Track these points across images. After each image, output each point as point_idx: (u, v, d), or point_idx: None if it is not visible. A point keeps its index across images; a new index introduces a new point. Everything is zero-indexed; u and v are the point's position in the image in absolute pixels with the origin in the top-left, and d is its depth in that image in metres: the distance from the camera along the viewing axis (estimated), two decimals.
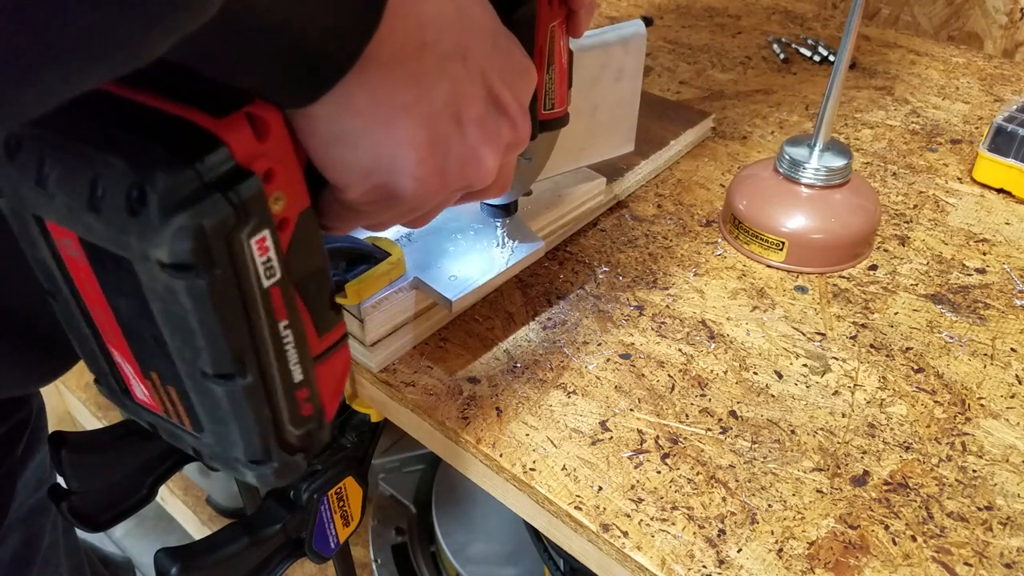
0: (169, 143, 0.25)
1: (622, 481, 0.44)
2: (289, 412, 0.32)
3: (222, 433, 0.31)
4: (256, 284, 0.27)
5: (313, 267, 0.30)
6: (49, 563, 0.60)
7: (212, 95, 0.26)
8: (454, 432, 0.48)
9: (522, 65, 0.35)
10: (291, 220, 0.28)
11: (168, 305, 0.26)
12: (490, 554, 0.94)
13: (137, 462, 0.49)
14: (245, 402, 0.29)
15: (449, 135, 0.31)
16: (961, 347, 0.53)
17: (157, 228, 0.24)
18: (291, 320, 0.30)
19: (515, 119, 0.34)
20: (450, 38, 0.30)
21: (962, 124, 0.78)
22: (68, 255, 0.29)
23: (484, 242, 0.53)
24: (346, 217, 0.33)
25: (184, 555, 0.44)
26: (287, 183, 0.28)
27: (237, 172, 0.25)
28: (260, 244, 0.27)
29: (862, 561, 0.41)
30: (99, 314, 0.30)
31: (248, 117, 0.26)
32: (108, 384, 0.34)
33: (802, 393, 0.50)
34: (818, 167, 0.58)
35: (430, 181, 0.31)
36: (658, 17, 1.03)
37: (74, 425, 1.47)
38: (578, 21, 0.41)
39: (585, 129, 0.56)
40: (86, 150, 0.25)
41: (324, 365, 0.33)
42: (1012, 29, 0.93)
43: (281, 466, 0.33)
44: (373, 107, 0.28)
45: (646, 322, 0.55)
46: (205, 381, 0.28)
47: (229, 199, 0.25)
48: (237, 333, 0.27)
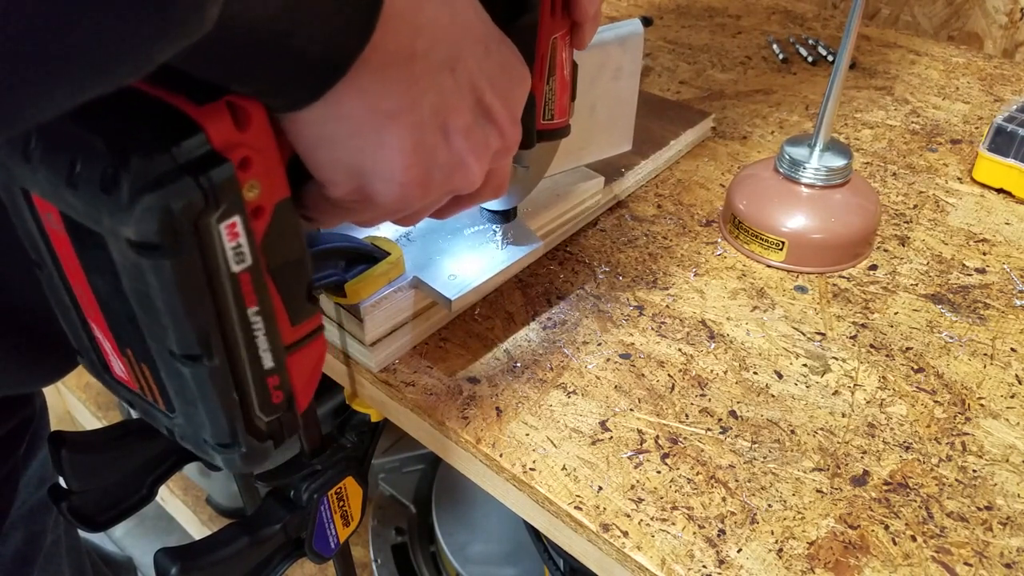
0: (148, 126, 0.25)
1: (622, 481, 0.44)
2: (258, 398, 0.32)
3: (191, 414, 0.31)
4: (224, 268, 0.28)
5: (290, 256, 0.31)
6: (51, 561, 0.60)
7: (198, 82, 0.26)
8: (454, 432, 0.48)
9: (516, 72, 0.35)
10: (267, 209, 0.29)
11: (137, 283, 0.27)
12: (490, 554, 0.94)
13: (137, 462, 0.49)
14: (211, 385, 0.30)
15: (435, 143, 0.32)
16: (961, 347, 0.53)
17: (126, 207, 0.25)
18: (262, 307, 0.30)
19: (503, 127, 0.35)
20: (442, 47, 0.30)
21: (962, 124, 0.78)
22: (51, 228, 0.29)
23: (483, 241, 0.53)
24: (331, 212, 0.34)
25: (184, 555, 0.44)
26: (264, 172, 0.28)
27: (211, 157, 0.26)
28: (230, 229, 0.27)
29: (862, 561, 0.41)
30: (79, 288, 0.31)
31: (229, 106, 0.27)
32: (90, 359, 0.35)
33: (802, 393, 0.50)
34: (818, 167, 0.58)
35: (412, 187, 0.32)
36: (658, 17, 1.03)
37: (74, 425, 1.47)
38: (582, 34, 0.41)
39: (583, 128, 0.56)
40: (70, 128, 0.26)
41: (297, 354, 0.33)
42: (1012, 29, 0.93)
43: (249, 451, 0.33)
44: (361, 113, 0.29)
45: (646, 322, 0.55)
46: (173, 361, 0.29)
47: (199, 183, 0.26)
48: (202, 315, 0.28)
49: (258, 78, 0.26)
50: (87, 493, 0.47)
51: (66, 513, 0.46)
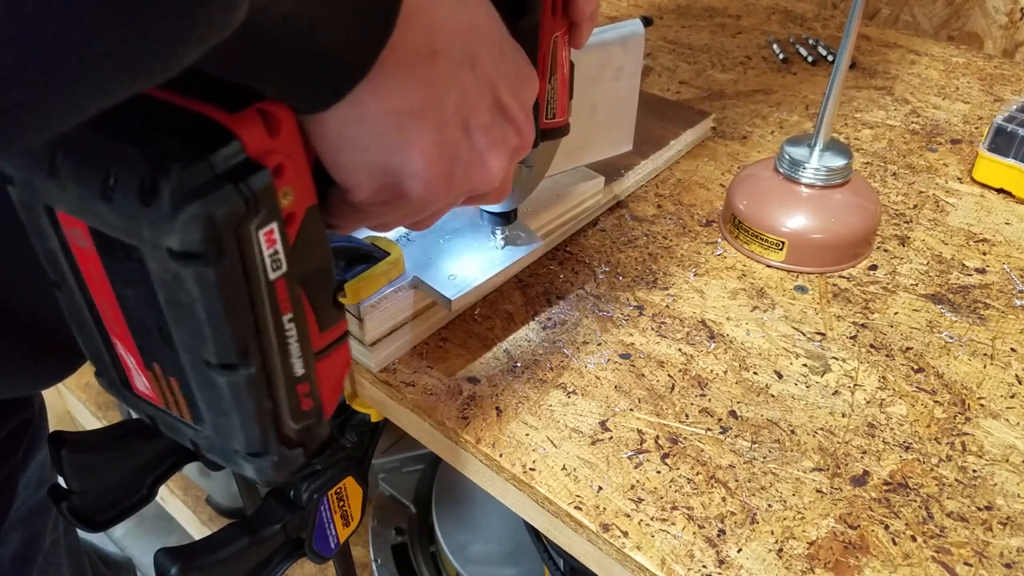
0: (183, 136, 0.26)
1: (622, 481, 0.44)
2: (289, 406, 0.32)
3: (222, 425, 0.31)
4: (263, 275, 0.28)
5: (318, 263, 0.31)
6: (50, 563, 0.60)
7: (226, 91, 0.27)
8: (454, 432, 0.48)
9: (526, 73, 0.35)
10: (298, 215, 0.29)
11: (175, 294, 0.27)
12: (490, 554, 0.94)
13: (137, 462, 0.49)
14: (247, 393, 0.30)
15: (457, 140, 0.32)
16: (961, 347, 0.53)
17: (169, 217, 0.25)
18: (295, 313, 0.30)
19: (520, 126, 0.35)
20: (460, 45, 0.30)
21: (962, 124, 0.78)
22: (77, 245, 0.29)
23: (483, 241, 0.53)
24: (352, 217, 0.34)
25: (184, 555, 0.44)
26: (296, 179, 0.28)
27: (248, 165, 0.26)
28: (268, 236, 0.27)
29: (862, 561, 0.41)
30: (104, 304, 0.31)
31: (260, 113, 0.27)
32: (109, 376, 0.35)
33: (802, 393, 0.50)
34: (818, 167, 0.58)
35: (437, 184, 0.32)
36: (658, 17, 1.03)
37: (74, 425, 1.47)
38: (579, 33, 0.41)
39: (584, 128, 0.56)
40: (100, 141, 0.26)
41: (325, 361, 0.34)
42: (1012, 29, 0.93)
43: (280, 459, 0.33)
44: (384, 112, 0.29)
45: (646, 322, 0.55)
46: (209, 371, 0.29)
47: (240, 191, 0.26)
48: (242, 323, 0.28)
49: (280, 78, 0.26)
50: (87, 493, 0.47)
51: (66, 513, 0.46)
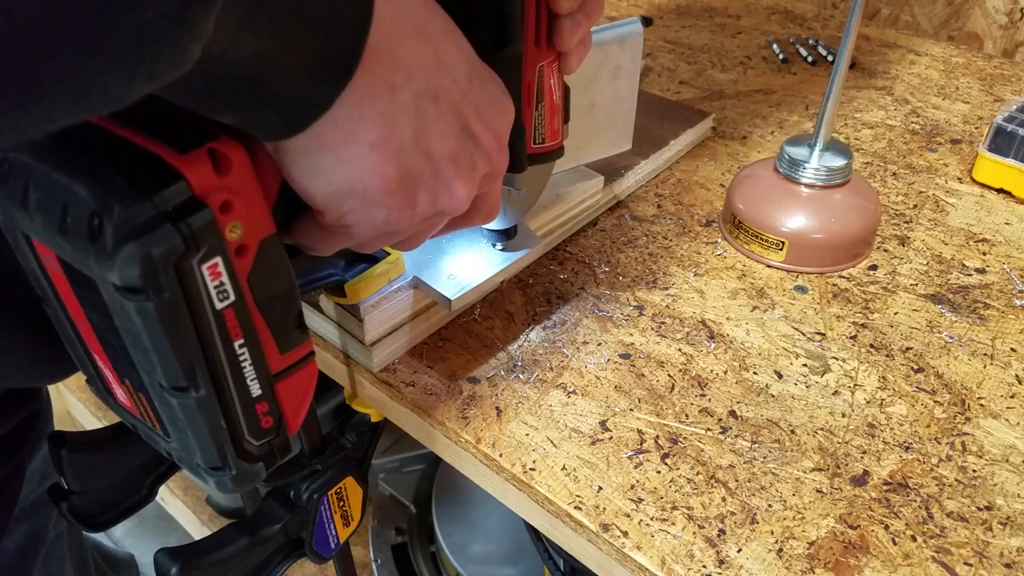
0: (132, 175, 0.27)
1: (622, 481, 0.44)
2: (248, 424, 0.34)
3: (184, 440, 0.33)
4: (209, 306, 0.30)
5: (277, 289, 0.32)
6: (53, 556, 0.61)
7: (180, 128, 0.28)
8: (454, 432, 0.48)
9: (501, 102, 0.37)
10: (251, 246, 0.30)
11: (125, 322, 0.29)
12: (490, 554, 0.94)
13: (137, 462, 0.49)
14: (199, 414, 0.31)
15: (420, 168, 0.33)
16: (961, 347, 0.53)
17: (110, 254, 0.26)
18: (247, 339, 0.32)
19: (490, 152, 0.37)
20: (423, 79, 0.32)
21: (962, 124, 0.78)
22: (51, 269, 0.31)
23: (483, 241, 0.53)
24: (327, 239, 0.35)
25: (184, 555, 0.44)
26: (246, 213, 0.30)
27: (191, 204, 0.28)
28: (212, 270, 0.29)
29: (862, 561, 0.41)
30: (80, 323, 0.33)
31: (211, 153, 0.28)
32: (97, 386, 0.37)
33: (802, 393, 0.50)
34: (818, 167, 0.58)
35: (401, 209, 0.34)
36: (658, 17, 1.03)
37: (74, 425, 1.47)
38: (569, 61, 0.42)
39: (582, 128, 0.56)
40: (60, 178, 0.27)
41: (286, 381, 0.35)
42: (1012, 29, 0.93)
43: (239, 474, 0.35)
44: (344, 143, 0.31)
45: (646, 322, 0.55)
46: (163, 392, 0.31)
47: (179, 229, 0.27)
48: (187, 351, 0.29)
49: (239, 111, 0.27)
50: (87, 493, 0.47)
51: (66, 513, 0.46)
